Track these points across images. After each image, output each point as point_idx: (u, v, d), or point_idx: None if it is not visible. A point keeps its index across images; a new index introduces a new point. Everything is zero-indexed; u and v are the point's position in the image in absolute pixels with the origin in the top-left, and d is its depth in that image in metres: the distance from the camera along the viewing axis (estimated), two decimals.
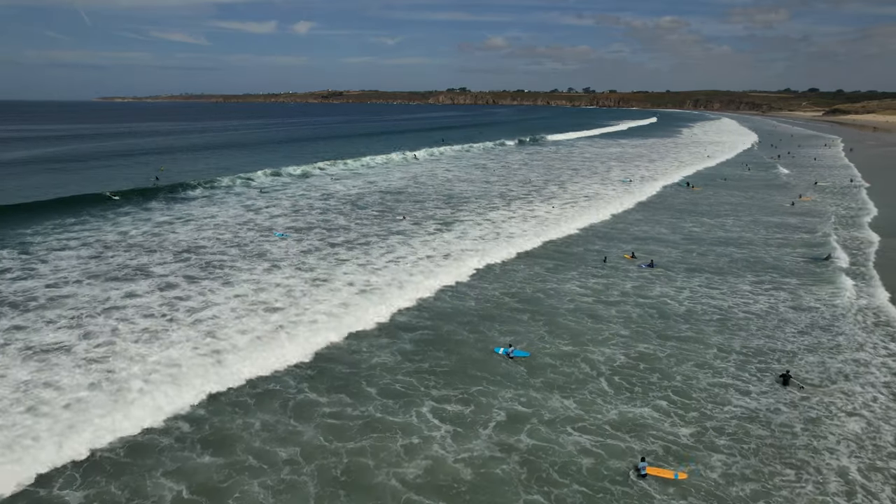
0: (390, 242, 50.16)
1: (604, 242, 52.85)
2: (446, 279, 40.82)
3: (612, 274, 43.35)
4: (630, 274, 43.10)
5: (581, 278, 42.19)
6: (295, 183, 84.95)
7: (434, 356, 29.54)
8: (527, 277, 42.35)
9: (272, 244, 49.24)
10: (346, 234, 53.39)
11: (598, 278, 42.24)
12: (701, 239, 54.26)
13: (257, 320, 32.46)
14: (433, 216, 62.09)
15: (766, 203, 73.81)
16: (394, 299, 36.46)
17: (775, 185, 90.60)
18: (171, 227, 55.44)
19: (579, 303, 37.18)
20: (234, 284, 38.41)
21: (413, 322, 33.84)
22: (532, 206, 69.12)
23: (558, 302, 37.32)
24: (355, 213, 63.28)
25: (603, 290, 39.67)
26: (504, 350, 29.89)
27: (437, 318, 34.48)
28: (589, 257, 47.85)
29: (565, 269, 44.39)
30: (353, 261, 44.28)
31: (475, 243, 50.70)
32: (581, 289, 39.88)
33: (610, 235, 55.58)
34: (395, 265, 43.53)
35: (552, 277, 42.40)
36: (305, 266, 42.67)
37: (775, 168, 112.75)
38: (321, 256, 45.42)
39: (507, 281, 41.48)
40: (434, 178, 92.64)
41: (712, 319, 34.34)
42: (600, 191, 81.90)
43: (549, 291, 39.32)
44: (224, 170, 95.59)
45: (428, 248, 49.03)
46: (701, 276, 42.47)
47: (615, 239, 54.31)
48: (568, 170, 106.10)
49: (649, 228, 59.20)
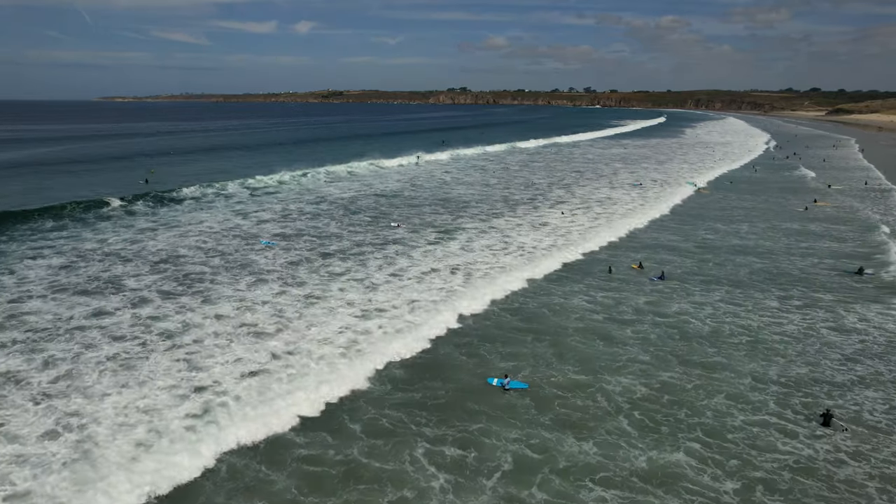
0: (388, 253, 46.66)
1: (609, 251, 49.55)
2: (468, 303, 35.31)
3: (621, 287, 40.03)
4: (642, 287, 39.73)
5: (588, 292, 38.83)
6: (286, 184, 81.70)
7: (428, 385, 26.25)
8: (528, 290, 39.04)
9: (258, 254, 45.90)
10: (338, 242, 49.99)
11: (607, 292, 38.88)
12: (715, 247, 50.83)
13: (243, 348, 28.75)
14: (432, 223, 58.69)
15: (781, 207, 70.36)
16: (408, 334, 30.82)
17: (788, 187, 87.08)
18: (153, 234, 52.18)
19: (588, 321, 33.85)
20: (216, 302, 35.02)
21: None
22: (539, 211, 65.30)
23: (565, 320, 33.99)
24: (348, 219, 59.89)
25: (613, 305, 36.36)
26: (499, 381, 26.44)
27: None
28: (594, 268, 44.47)
29: (569, 281, 41.10)
30: (349, 275, 40.63)
31: (488, 255, 46.57)
32: (589, 304, 36.56)
33: (615, 243, 52.16)
34: (398, 281, 39.62)
35: (556, 290, 39.10)
36: (295, 280, 39.26)
37: (788, 170, 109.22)
38: (312, 269, 41.96)
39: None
40: (431, 181, 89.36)
41: (741, 342, 30.89)
42: (611, 195, 77.72)
43: (553, 307, 35.97)
44: (218, 172, 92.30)
45: (430, 257, 45.58)
46: (720, 290, 39.08)
47: (620, 246, 51.06)
48: (571, 172, 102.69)
49: (658, 234, 55.90)
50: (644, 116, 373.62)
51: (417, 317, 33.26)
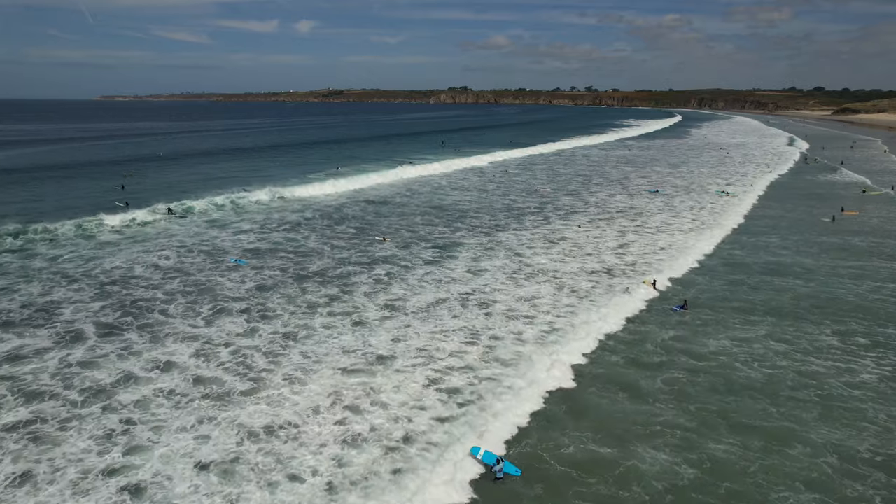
0: (378, 275, 40.34)
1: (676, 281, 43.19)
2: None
3: (641, 315, 34.29)
4: (667, 318, 33.77)
5: (586, 311, 33.77)
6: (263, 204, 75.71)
7: None
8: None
9: (225, 274, 39.95)
10: (318, 260, 43.88)
11: (628, 322, 33.25)
12: (746, 265, 44.59)
13: (191, 439, 20.90)
14: (426, 236, 52.55)
15: (808, 216, 64.22)
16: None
17: (812, 193, 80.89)
18: (112, 249, 46.27)
19: (606, 364, 28.00)
20: (165, 342, 29.02)
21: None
22: (550, 224, 58.18)
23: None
24: (331, 231, 53.96)
25: (635, 342, 30.45)
26: (487, 457, 20.35)
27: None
28: (602, 284, 39.07)
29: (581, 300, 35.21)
30: (333, 305, 34.28)
31: (504, 281, 39.62)
32: (605, 339, 30.71)
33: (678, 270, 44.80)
34: (396, 316, 32.93)
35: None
36: (266, 312, 33.08)
37: (822, 173, 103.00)
38: (288, 296, 35.71)
39: None
40: (424, 185, 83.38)
41: (809, 398, 24.74)
42: (633, 203, 70.83)
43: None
44: (203, 181, 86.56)
45: (431, 282, 39.10)
46: (763, 323, 32.95)
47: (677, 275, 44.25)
48: (576, 176, 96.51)
49: (666, 242, 50.26)
50: (652, 116, 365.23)
51: (447, 409, 23.36)
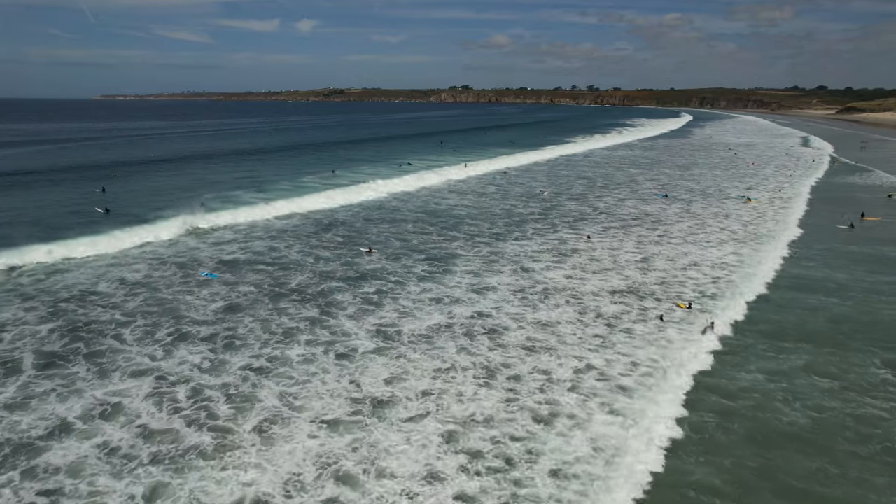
0: (366, 293, 36.02)
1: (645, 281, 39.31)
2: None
3: (675, 342, 29.80)
4: (695, 345, 29.44)
5: (631, 348, 28.82)
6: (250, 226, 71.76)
7: None
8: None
9: (193, 291, 35.92)
10: (299, 274, 39.76)
11: (655, 344, 29.11)
12: (772, 282, 40.04)
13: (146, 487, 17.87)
14: (418, 247, 48.40)
15: (831, 223, 60.09)
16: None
17: (833, 197, 76.62)
18: (78, 263, 42.26)
19: None
20: (114, 377, 24.93)
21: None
22: (557, 233, 53.55)
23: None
24: (316, 239, 49.87)
25: (661, 375, 26.27)
26: None
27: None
28: (632, 308, 34.40)
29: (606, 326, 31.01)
30: (313, 331, 29.87)
31: (516, 304, 34.27)
32: (631, 369, 26.55)
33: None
34: (391, 346, 28.27)
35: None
36: (235, 339, 28.93)
37: (832, 176, 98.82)
38: (261, 319, 31.52)
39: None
40: (421, 187, 79.36)
41: (873, 453, 20.52)
42: (649, 210, 65.42)
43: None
44: (191, 184, 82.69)
45: (428, 302, 34.49)
46: (799, 351, 28.71)
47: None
48: (578, 179, 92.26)
49: (696, 255, 45.84)
50: (658, 115, 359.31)
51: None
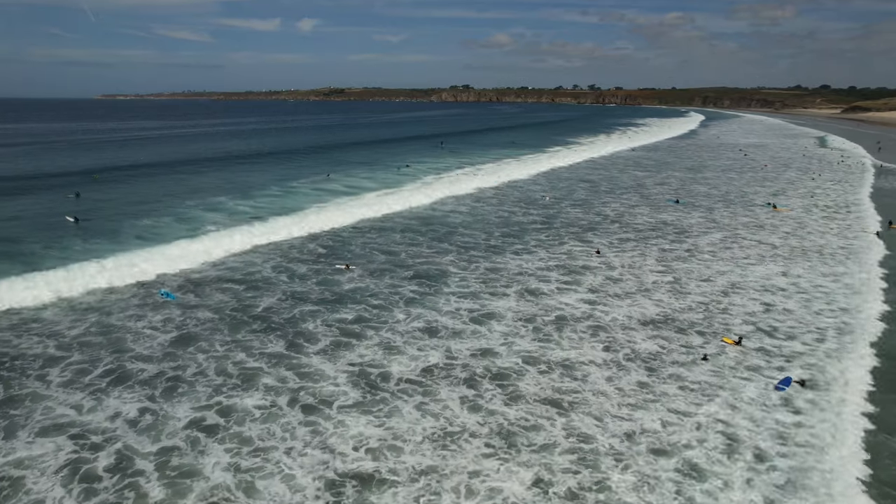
0: (341, 319, 31.76)
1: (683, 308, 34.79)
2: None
3: (728, 391, 24.56)
4: (765, 397, 23.95)
5: (689, 403, 23.53)
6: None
7: None
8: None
9: (144, 316, 32.00)
10: (268, 295, 35.67)
11: (719, 397, 23.99)
12: (831, 309, 34.70)
13: None
14: (404, 262, 44.05)
15: (855, 231, 56.09)
16: None
17: (857, 203, 72.46)
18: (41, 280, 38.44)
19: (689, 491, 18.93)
20: (22, 433, 20.97)
21: None
22: (564, 245, 48.43)
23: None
24: (295, 251, 45.97)
25: (730, 447, 20.71)
26: None
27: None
28: (671, 343, 29.41)
29: (630, 370, 26.37)
30: (276, 371, 25.56)
31: (524, 334, 29.70)
32: (693, 438, 21.32)
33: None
34: (374, 403, 22.95)
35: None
36: (180, 382, 24.79)
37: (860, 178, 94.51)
38: (215, 355, 27.41)
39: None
40: (413, 191, 75.28)
41: None
42: (666, 218, 60.12)
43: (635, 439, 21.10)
44: (176, 192, 78.92)
45: (415, 332, 30.15)
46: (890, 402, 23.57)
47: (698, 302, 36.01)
48: (579, 182, 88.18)
49: (735, 275, 40.49)
50: (664, 115, 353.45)
51: None
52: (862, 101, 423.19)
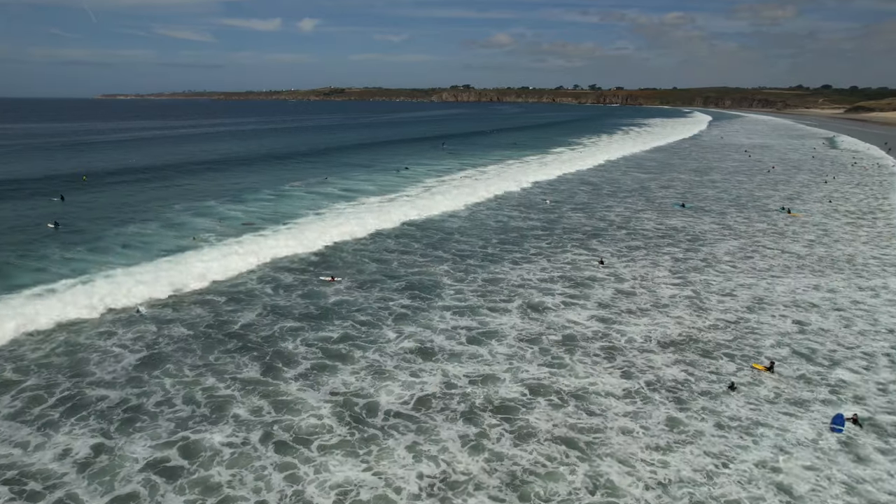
0: (326, 338, 29.29)
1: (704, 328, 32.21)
2: None
3: (777, 428, 21.54)
4: (824, 441, 20.88)
5: (729, 445, 20.50)
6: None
7: None
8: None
9: (114, 335, 29.48)
10: (248, 310, 33.02)
11: (749, 439, 20.93)
12: (877, 330, 31.76)
13: None
14: (395, 272, 41.42)
15: (888, 239, 53.66)
16: None
17: (883, 209, 69.78)
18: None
19: None
20: None
21: None
22: (567, 253, 45.70)
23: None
24: (283, 262, 43.45)
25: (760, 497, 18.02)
26: None
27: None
28: (698, 369, 26.36)
29: (655, 405, 23.31)
30: (249, 401, 23.07)
31: (531, 358, 26.72)
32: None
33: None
34: (360, 440, 20.39)
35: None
36: (141, 413, 22.35)
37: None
38: (183, 380, 24.98)
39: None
40: (406, 195, 72.93)
41: None
42: (675, 224, 57.11)
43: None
44: (166, 197, 76.63)
45: (405, 356, 27.43)
46: None
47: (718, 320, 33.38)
48: (580, 184, 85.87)
49: (760, 288, 37.36)
50: (670, 115, 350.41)
51: None
52: (865, 102, 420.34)
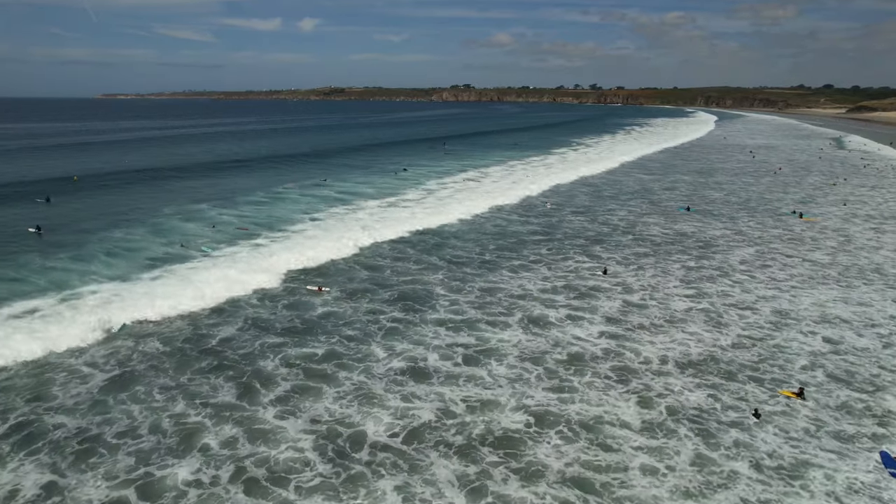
0: (308, 355, 27.16)
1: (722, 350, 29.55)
2: None
3: (824, 469, 19.09)
4: (889, 488, 18.35)
5: (762, 489, 18.05)
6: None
7: None
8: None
9: (84, 352, 27.51)
10: (228, 324, 31.13)
11: (795, 483, 18.40)
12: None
13: None
14: (388, 280, 39.34)
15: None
16: None
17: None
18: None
19: None
20: None
21: None
22: (569, 261, 43.24)
23: None
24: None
25: None
26: None
27: None
28: (723, 395, 23.82)
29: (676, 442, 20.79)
30: (224, 429, 20.93)
31: (535, 380, 24.42)
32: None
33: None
34: (347, 490, 17.97)
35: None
36: (101, 447, 20.20)
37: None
38: (153, 403, 22.97)
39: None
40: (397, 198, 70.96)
41: None
42: (683, 229, 54.27)
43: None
44: (156, 202, 74.64)
45: (403, 379, 25.39)
46: None
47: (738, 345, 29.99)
48: (581, 185, 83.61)
49: (782, 301, 34.86)
50: (671, 115, 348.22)
51: None
52: (868, 101, 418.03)
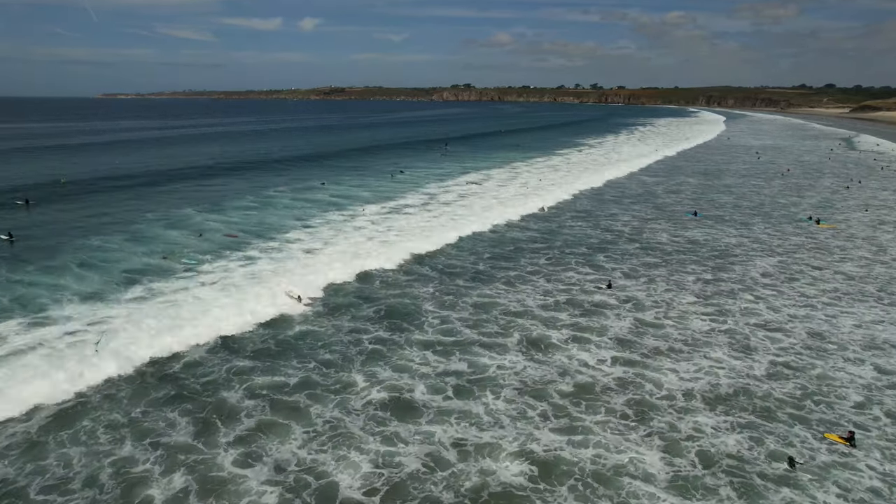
0: (280, 385, 24.55)
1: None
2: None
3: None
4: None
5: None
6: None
7: None
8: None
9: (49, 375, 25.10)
10: (187, 350, 28.51)
11: None
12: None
13: None
14: (374, 294, 36.73)
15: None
16: None
17: None
18: None
19: None
20: None
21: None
22: (571, 271, 40.10)
23: None
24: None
25: None
26: None
27: None
28: (762, 437, 20.29)
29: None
30: (174, 479, 18.20)
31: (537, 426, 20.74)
32: None
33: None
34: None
35: None
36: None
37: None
38: (98, 451, 20.35)
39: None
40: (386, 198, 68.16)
41: None
42: (694, 236, 50.80)
43: None
44: (142, 209, 72.09)
45: (387, 414, 22.64)
46: None
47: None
48: (581, 186, 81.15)
49: (817, 321, 30.73)
50: (674, 115, 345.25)
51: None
52: (871, 101, 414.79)
